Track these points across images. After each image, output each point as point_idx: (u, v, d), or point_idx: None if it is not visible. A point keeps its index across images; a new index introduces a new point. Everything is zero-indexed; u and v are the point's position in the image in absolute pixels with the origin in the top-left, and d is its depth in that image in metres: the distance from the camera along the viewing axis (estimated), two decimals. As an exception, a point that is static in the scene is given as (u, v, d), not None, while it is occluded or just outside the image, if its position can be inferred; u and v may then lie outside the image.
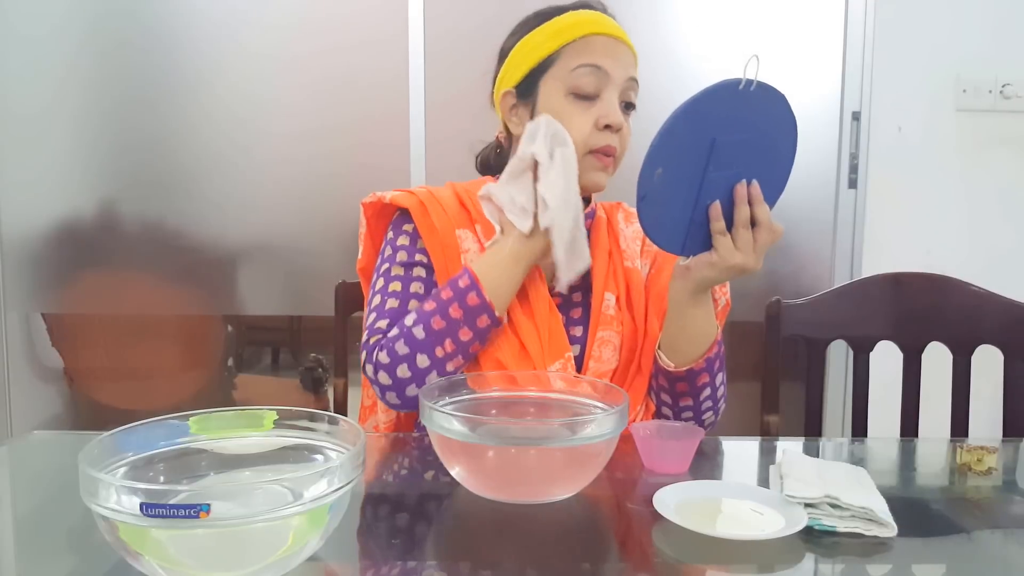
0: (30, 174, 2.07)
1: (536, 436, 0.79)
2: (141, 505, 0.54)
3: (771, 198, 0.95)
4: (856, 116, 2.12)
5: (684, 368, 1.05)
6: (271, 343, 2.48)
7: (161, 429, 0.70)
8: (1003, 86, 2.11)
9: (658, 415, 1.13)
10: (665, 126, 0.85)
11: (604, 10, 1.12)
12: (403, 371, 1.01)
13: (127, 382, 2.21)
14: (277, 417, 0.73)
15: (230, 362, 2.36)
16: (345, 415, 1.17)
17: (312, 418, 0.73)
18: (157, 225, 2.09)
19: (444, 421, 0.77)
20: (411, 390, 1.02)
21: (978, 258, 2.15)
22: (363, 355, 1.05)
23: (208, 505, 0.54)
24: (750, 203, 0.93)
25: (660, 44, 2.07)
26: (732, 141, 0.88)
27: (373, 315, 1.09)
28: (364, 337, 1.07)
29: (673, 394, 1.08)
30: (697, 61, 2.09)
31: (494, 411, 0.91)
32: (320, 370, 2.32)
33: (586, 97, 1.06)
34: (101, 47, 2.05)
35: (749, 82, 0.85)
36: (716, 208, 0.92)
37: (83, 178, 2.08)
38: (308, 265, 2.10)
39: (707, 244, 0.95)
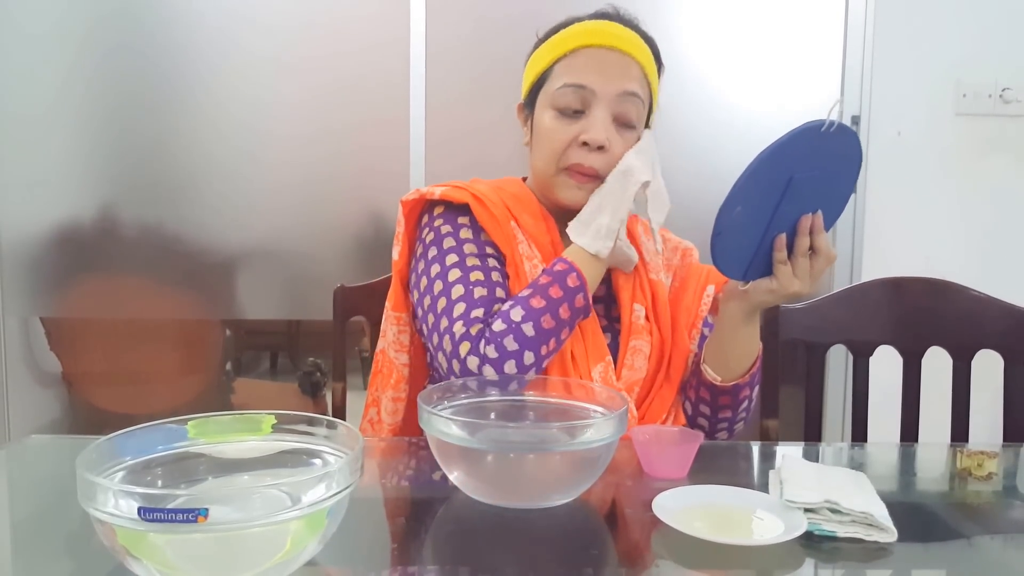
0: (29, 178, 2.07)
1: (535, 440, 0.79)
2: (139, 509, 0.54)
3: (829, 225, 0.98)
4: (856, 120, 2.13)
5: (731, 383, 1.08)
6: (269, 347, 2.49)
7: (159, 433, 0.70)
8: (1003, 90, 2.11)
9: (692, 425, 1.15)
10: (750, 168, 0.87)
11: (618, 16, 1.11)
12: (510, 367, 0.99)
13: (125, 386, 2.21)
14: (275, 421, 0.73)
15: (228, 366, 2.36)
16: (344, 419, 1.17)
17: (310, 422, 0.73)
18: (156, 229, 2.09)
19: (443, 425, 0.77)
20: None
21: (977, 263, 2.14)
22: (463, 346, 1.00)
23: (206, 509, 0.53)
24: (811, 232, 0.95)
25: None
26: (806, 177, 0.91)
27: (463, 305, 1.03)
28: (461, 328, 1.01)
29: (714, 406, 1.11)
30: (696, 69, 2.09)
31: (493, 415, 0.91)
32: (318, 374, 2.33)
33: (573, 113, 1.06)
34: (100, 51, 2.06)
35: (832, 123, 0.88)
36: (781, 240, 0.95)
37: (82, 182, 2.08)
38: (307, 269, 2.10)
39: (767, 270, 0.98)
